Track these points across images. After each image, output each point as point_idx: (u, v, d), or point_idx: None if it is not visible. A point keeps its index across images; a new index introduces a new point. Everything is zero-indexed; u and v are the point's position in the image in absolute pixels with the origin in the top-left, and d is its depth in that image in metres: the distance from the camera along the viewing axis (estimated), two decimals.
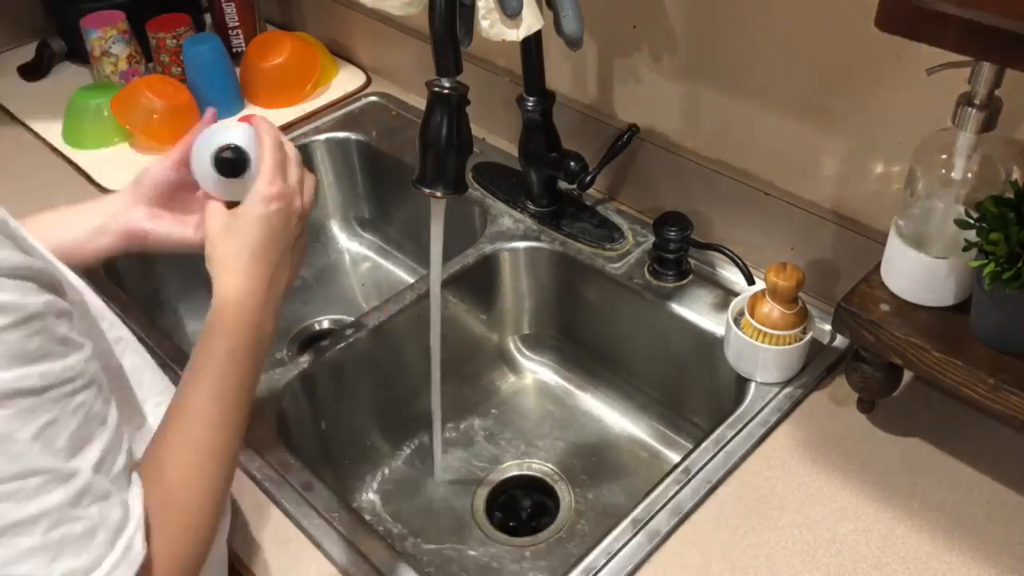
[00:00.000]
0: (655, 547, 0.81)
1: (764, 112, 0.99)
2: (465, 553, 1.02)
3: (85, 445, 0.54)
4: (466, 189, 0.89)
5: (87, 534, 0.52)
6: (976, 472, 0.86)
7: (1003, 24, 0.53)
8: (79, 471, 0.53)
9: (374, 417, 1.13)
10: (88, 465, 0.53)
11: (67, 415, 0.52)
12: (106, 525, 0.54)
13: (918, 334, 0.80)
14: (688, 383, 1.09)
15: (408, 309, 1.08)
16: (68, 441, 0.52)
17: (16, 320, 0.49)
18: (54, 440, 0.51)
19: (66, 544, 0.51)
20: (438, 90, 0.85)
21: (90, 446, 0.54)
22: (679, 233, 1.04)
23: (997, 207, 0.72)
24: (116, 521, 0.54)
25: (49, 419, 0.51)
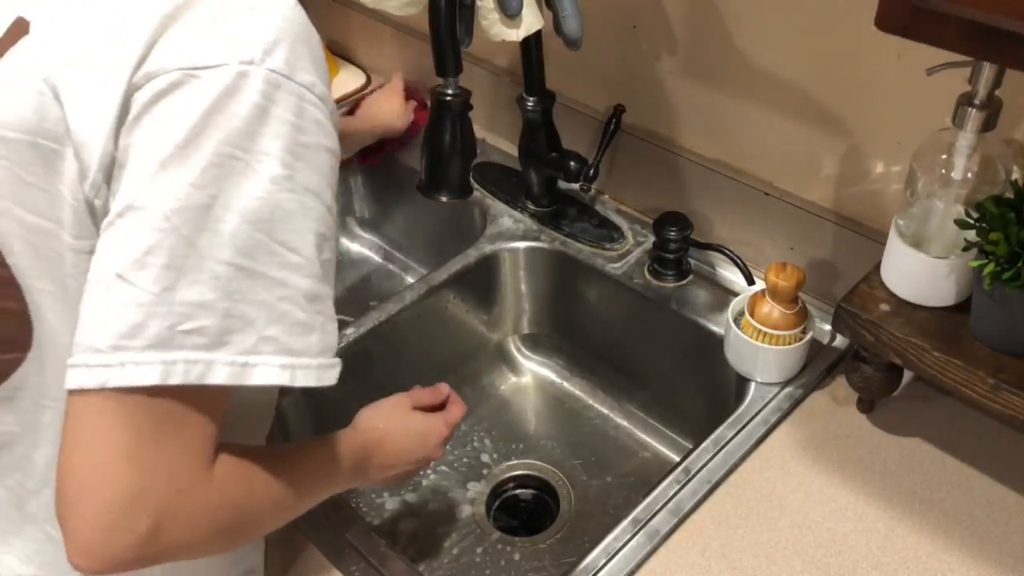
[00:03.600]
0: (655, 547, 0.81)
1: (764, 112, 0.99)
2: (465, 553, 1.02)
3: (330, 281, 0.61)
4: (470, 193, 0.90)
5: (304, 327, 0.58)
6: (976, 472, 0.86)
7: (1003, 24, 0.53)
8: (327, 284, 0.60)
9: None
10: (330, 292, 0.61)
11: (331, 245, 0.60)
12: (323, 335, 0.60)
13: (918, 334, 0.80)
14: (688, 383, 1.09)
15: (408, 309, 1.08)
16: (327, 265, 0.60)
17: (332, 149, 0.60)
18: (322, 251, 0.59)
19: (285, 319, 0.57)
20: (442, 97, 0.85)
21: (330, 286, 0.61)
22: (679, 233, 1.04)
23: (997, 207, 0.72)
24: (330, 342, 0.60)
25: (324, 234, 0.59)
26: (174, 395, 0.55)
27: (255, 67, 0.55)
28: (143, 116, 0.55)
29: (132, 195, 0.54)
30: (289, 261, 0.57)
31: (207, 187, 0.54)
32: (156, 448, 0.55)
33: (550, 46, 1.02)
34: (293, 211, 0.57)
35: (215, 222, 0.54)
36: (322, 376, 0.60)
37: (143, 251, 0.53)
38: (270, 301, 0.56)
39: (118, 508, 0.54)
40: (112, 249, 0.54)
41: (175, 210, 0.53)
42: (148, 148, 0.54)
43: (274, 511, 0.66)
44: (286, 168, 0.56)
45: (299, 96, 0.57)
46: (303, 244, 0.57)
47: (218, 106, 0.54)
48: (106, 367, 0.53)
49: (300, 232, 0.57)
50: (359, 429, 0.79)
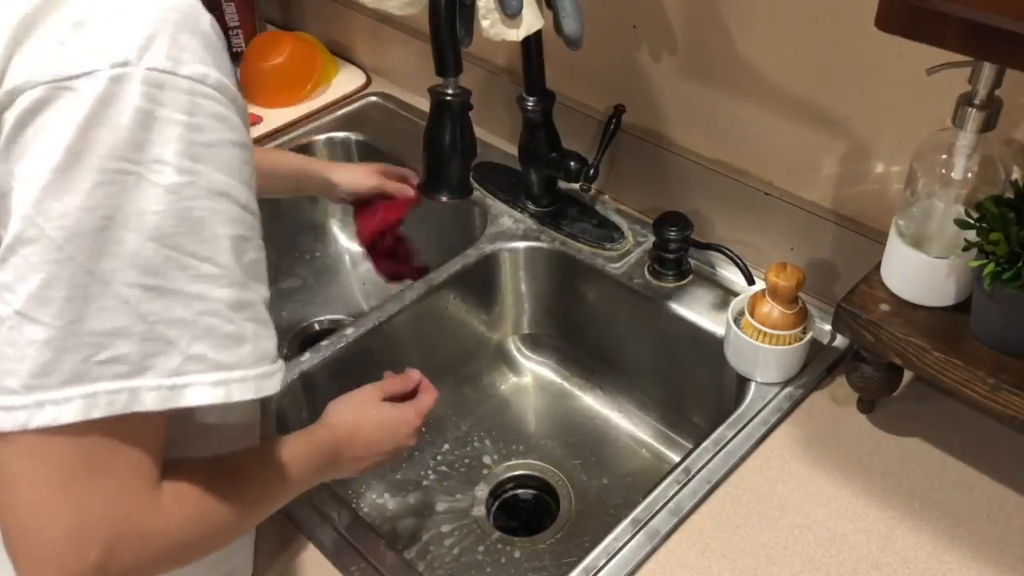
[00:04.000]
0: (655, 547, 0.81)
1: (764, 112, 0.99)
2: (465, 553, 1.02)
3: (260, 282, 0.58)
4: (471, 193, 0.90)
5: (234, 339, 0.55)
6: (976, 472, 0.86)
7: (1003, 24, 0.53)
8: (252, 289, 0.57)
9: None
10: (258, 295, 0.58)
11: (254, 244, 0.57)
12: (256, 343, 0.57)
13: (918, 334, 0.80)
14: (688, 383, 1.09)
15: (408, 309, 1.08)
16: (251, 265, 0.57)
17: (239, 142, 0.55)
18: (243, 254, 0.56)
19: (211, 335, 0.54)
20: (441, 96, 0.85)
21: (262, 286, 0.58)
22: (679, 233, 1.04)
23: (997, 207, 0.72)
24: (265, 349, 0.58)
25: (244, 235, 0.56)
26: (102, 426, 0.53)
27: (131, 68, 0.51)
28: (16, 139, 0.51)
29: (20, 226, 0.50)
30: (204, 273, 0.54)
31: (98, 208, 0.50)
32: (91, 482, 0.53)
33: (550, 46, 1.02)
34: (200, 219, 0.53)
35: (113, 244, 0.51)
36: (261, 387, 0.57)
37: (40, 285, 0.50)
38: (189, 318, 0.53)
39: (61, 545, 0.52)
40: (9, 285, 0.51)
41: (67, 238, 0.50)
42: (28, 174, 0.50)
43: (235, 520, 0.64)
44: (184, 174, 0.52)
45: (188, 92, 0.52)
46: (217, 252, 0.54)
47: (95, 119, 0.50)
48: (24, 408, 0.51)
49: (211, 240, 0.54)
50: (329, 424, 0.78)
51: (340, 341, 1.04)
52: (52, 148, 0.50)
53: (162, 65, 0.51)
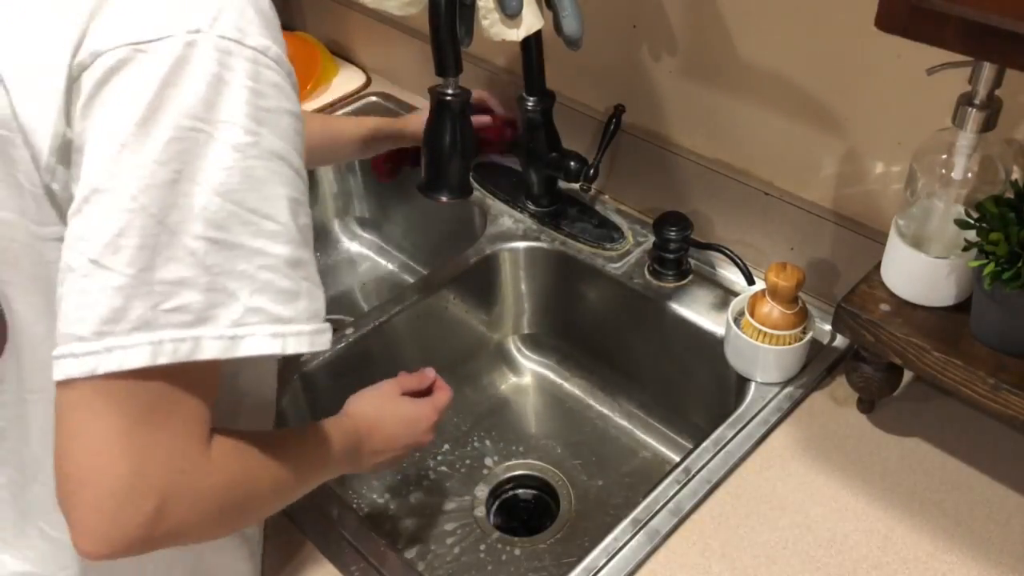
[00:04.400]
0: (655, 547, 0.81)
1: (764, 112, 0.99)
2: (465, 553, 1.02)
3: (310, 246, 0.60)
4: (470, 193, 0.90)
5: (291, 294, 0.58)
6: (976, 472, 0.86)
7: (1003, 24, 0.53)
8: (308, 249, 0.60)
9: None
10: (311, 257, 0.60)
11: (305, 209, 0.59)
12: (311, 300, 0.59)
13: (918, 334, 0.80)
14: (688, 383, 1.09)
15: (408, 309, 1.08)
16: (305, 229, 0.59)
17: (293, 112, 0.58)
18: (296, 215, 0.58)
19: (269, 289, 0.56)
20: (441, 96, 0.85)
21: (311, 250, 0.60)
22: (679, 233, 1.04)
23: (997, 207, 0.72)
24: (318, 308, 0.60)
25: (298, 198, 0.58)
26: (164, 376, 0.55)
27: (203, 35, 0.54)
28: (96, 96, 0.54)
29: (96, 179, 0.53)
30: (265, 229, 0.56)
31: (171, 162, 0.53)
32: (151, 431, 0.55)
33: (550, 46, 1.02)
34: (262, 178, 0.56)
35: (184, 197, 0.53)
36: (314, 341, 0.59)
37: (114, 234, 0.53)
38: (251, 271, 0.56)
39: (120, 493, 0.53)
40: (83, 235, 0.53)
41: (141, 189, 0.53)
42: (106, 129, 0.53)
43: (274, 491, 0.66)
44: (249, 135, 0.55)
45: (253, 60, 0.55)
46: (277, 210, 0.57)
47: (171, 79, 0.53)
48: (93, 354, 0.53)
49: (272, 199, 0.56)
50: (350, 415, 0.80)
51: (340, 341, 1.04)
52: (131, 104, 0.53)
53: (231, 34, 0.54)
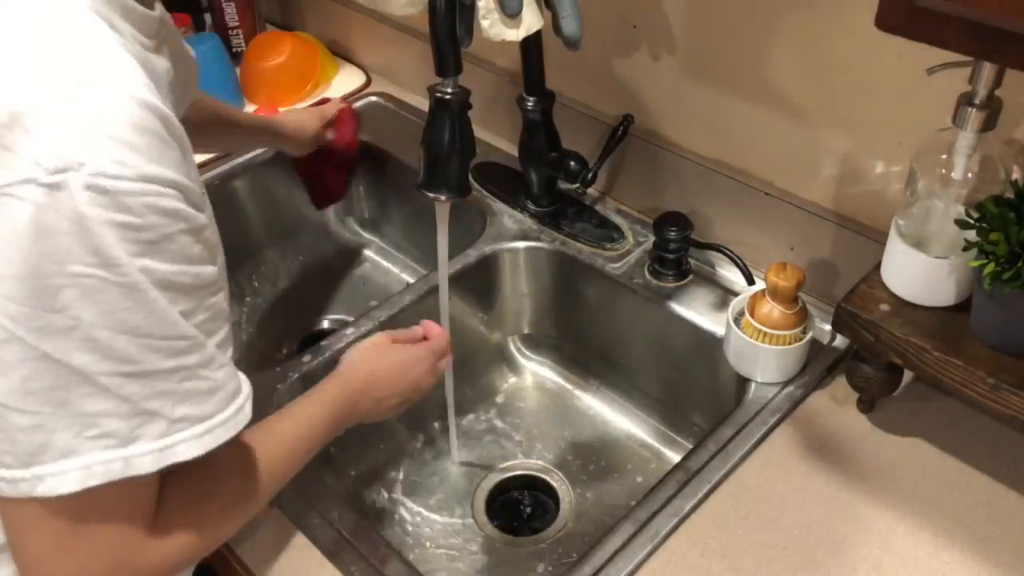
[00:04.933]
0: (655, 547, 0.81)
1: (764, 112, 0.99)
2: (465, 553, 1.02)
3: (213, 334, 0.61)
4: (470, 192, 0.90)
5: (209, 391, 0.60)
6: (976, 472, 0.86)
7: (1003, 24, 0.53)
8: (213, 340, 0.61)
9: None
10: (220, 336, 0.62)
11: (203, 308, 0.60)
12: (225, 389, 0.62)
13: (918, 334, 0.80)
14: (688, 383, 1.09)
15: (408, 309, 1.08)
16: (202, 325, 0.60)
17: (188, 228, 0.57)
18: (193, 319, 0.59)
19: (191, 395, 0.58)
20: (440, 95, 0.85)
21: (216, 335, 0.62)
22: (679, 233, 1.04)
23: (997, 207, 0.72)
24: (233, 389, 0.63)
25: (191, 308, 0.59)
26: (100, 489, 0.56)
27: (73, 175, 0.50)
28: None
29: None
30: (176, 348, 0.57)
31: (66, 310, 0.52)
32: (87, 535, 0.57)
33: (550, 46, 1.02)
34: (162, 307, 0.55)
35: (87, 341, 0.53)
36: (238, 422, 0.62)
37: (21, 380, 0.53)
38: (171, 388, 0.57)
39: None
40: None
41: (39, 340, 0.52)
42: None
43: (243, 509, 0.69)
44: (142, 273, 0.53)
45: (139, 193, 0.52)
46: (183, 329, 0.57)
47: (42, 230, 0.50)
48: (24, 481, 0.54)
49: (176, 322, 0.57)
50: (342, 376, 0.83)
51: (340, 341, 1.04)
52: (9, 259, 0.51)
53: (108, 169, 0.51)
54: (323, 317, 1.35)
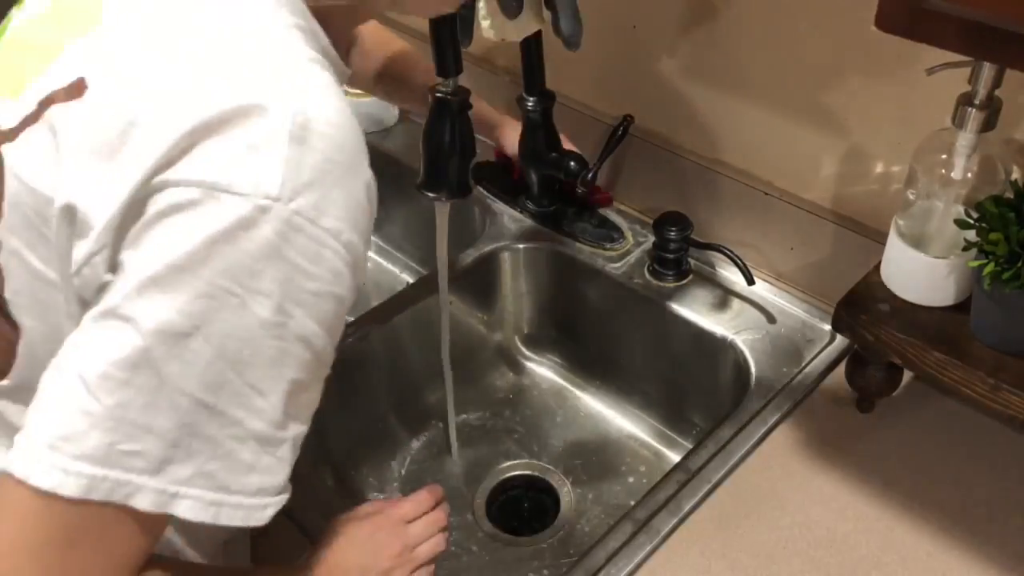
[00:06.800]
0: (655, 547, 0.81)
1: (764, 112, 0.99)
2: (465, 553, 1.02)
3: (302, 423, 0.60)
4: (470, 192, 0.90)
5: (247, 468, 0.57)
6: (976, 472, 0.86)
7: (1003, 24, 0.53)
8: (287, 429, 0.58)
9: (374, 417, 1.13)
10: (292, 434, 0.59)
11: (312, 389, 0.59)
12: (263, 476, 0.58)
13: (918, 334, 0.80)
14: (688, 383, 1.09)
15: (408, 309, 1.08)
16: (298, 408, 0.58)
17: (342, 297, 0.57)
18: (296, 395, 0.57)
19: (228, 457, 0.56)
20: (440, 95, 0.85)
21: (302, 426, 0.60)
22: (679, 233, 1.04)
23: (997, 207, 0.72)
24: (270, 484, 0.59)
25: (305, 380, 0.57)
26: (97, 507, 0.53)
27: (279, 204, 0.52)
28: (153, 225, 0.52)
29: (117, 301, 0.52)
30: (252, 404, 0.55)
31: (193, 316, 0.52)
32: (66, 553, 0.54)
33: (550, 46, 1.02)
34: (273, 358, 0.54)
35: (190, 352, 0.52)
36: (250, 516, 0.58)
37: (110, 362, 0.52)
38: (219, 437, 0.55)
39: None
40: (83, 346, 0.53)
41: (152, 331, 0.51)
42: (147, 259, 0.52)
43: None
44: (280, 314, 0.53)
45: (319, 242, 0.54)
46: (273, 390, 0.55)
47: (228, 236, 0.51)
48: (36, 462, 0.52)
49: (274, 379, 0.55)
50: None
51: (340, 341, 1.04)
52: (180, 245, 0.51)
53: (306, 212, 0.53)
54: None
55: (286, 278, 0.53)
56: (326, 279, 0.55)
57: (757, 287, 1.03)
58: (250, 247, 0.51)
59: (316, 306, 0.55)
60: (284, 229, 0.52)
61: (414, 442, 1.15)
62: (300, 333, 0.55)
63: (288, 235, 0.52)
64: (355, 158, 0.56)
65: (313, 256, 0.54)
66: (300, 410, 0.59)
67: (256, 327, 0.53)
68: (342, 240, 0.55)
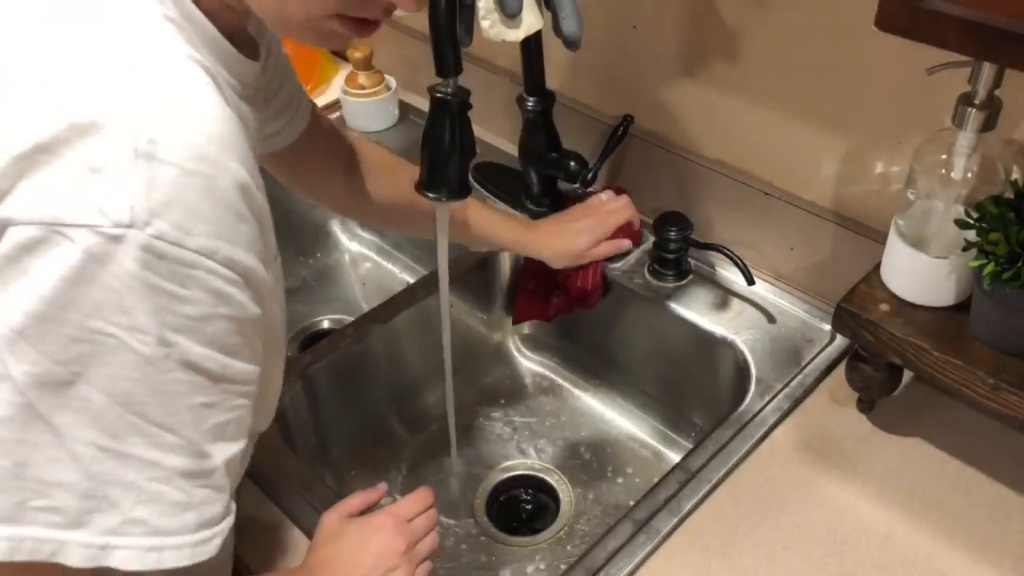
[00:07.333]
0: (655, 546, 0.81)
1: (764, 112, 0.99)
2: (465, 553, 1.02)
3: (227, 441, 0.57)
4: (469, 193, 0.90)
5: (179, 506, 0.54)
6: (976, 472, 0.86)
7: (1003, 24, 0.53)
8: (211, 456, 0.55)
9: (374, 417, 1.13)
10: (221, 458, 0.56)
11: (225, 408, 0.55)
12: (201, 512, 0.56)
13: (918, 334, 0.80)
14: (688, 383, 1.09)
15: (408, 309, 1.08)
16: (215, 429, 0.55)
17: (233, 316, 0.53)
18: (204, 420, 0.54)
19: (156, 501, 0.53)
20: (440, 95, 0.85)
21: (229, 445, 0.57)
22: (679, 233, 1.04)
23: (997, 207, 0.72)
24: (211, 515, 0.56)
25: (210, 402, 0.54)
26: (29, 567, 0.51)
27: (133, 231, 0.47)
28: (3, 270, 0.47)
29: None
30: (164, 441, 0.52)
31: (70, 364, 0.48)
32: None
33: (550, 46, 1.02)
34: (171, 391, 0.51)
35: (78, 401, 0.49)
36: (196, 553, 0.55)
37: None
38: (139, 482, 0.52)
39: None
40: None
41: (31, 385, 0.48)
42: (6, 311, 0.47)
43: None
44: (163, 346, 0.49)
45: (189, 265, 0.49)
46: (181, 423, 0.52)
47: (83, 275, 0.47)
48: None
49: (179, 411, 0.52)
50: None
51: (340, 341, 1.04)
52: (32, 292, 0.47)
53: (168, 235, 0.48)
54: (323, 317, 1.35)
55: (159, 308, 0.49)
56: (206, 302, 0.51)
57: (757, 287, 1.03)
58: (112, 282, 0.47)
59: (201, 331, 0.51)
60: (145, 257, 0.47)
61: (414, 442, 1.15)
62: (189, 360, 0.51)
63: (151, 263, 0.48)
64: (219, 163, 0.51)
65: (184, 281, 0.49)
66: (221, 431, 0.55)
67: (142, 364, 0.49)
68: (218, 259, 0.50)
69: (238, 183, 0.52)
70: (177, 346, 0.50)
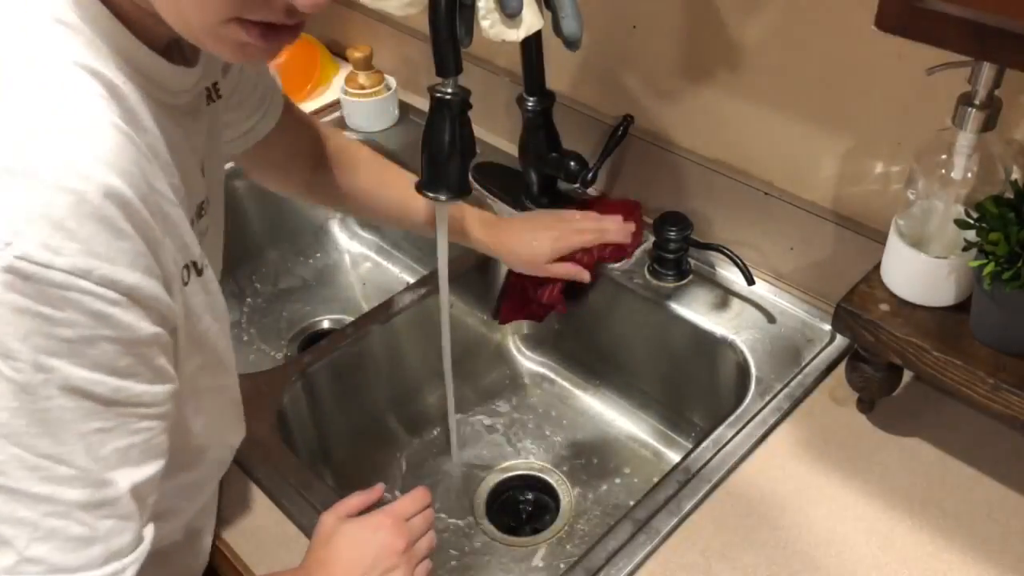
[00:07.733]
0: (655, 546, 0.81)
1: (764, 112, 0.99)
2: (465, 553, 1.02)
3: (133, 467, 0.54)
4: (469, 192, 0.90)
5: (82, 541, 0.51)
6: (976, 472, 0.86)
7: (1003, 24, 0.53)
8: (114, 484, 0.52)
9: (374, 417, 1.13)
10: (126, 484, 0.53)
11: (125, 432, 0.52)
12: (108, 544, 0.53)
13: (918, 334, 0.80)
14: (688, 383, 1.09)
15: (408, 309, 1.08)
16: (116, 454, 0.52)
17: (119, 338, 0.50)
18: (100, 447, 0.51)
19: (55, 537, 0.50)
20: (440, 95, 0.85)
21: (137, 469, 0.54)
22: (679, 233, 1.04)
23: (997, 207, 0.72)
24: (120, 546, 0.54)
25: (104, 427, 0.51)
26: None
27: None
28: None
29: None
30: (56, 474, 0.49)
31: None
32: None
33: (550, 46, 1.02)
34: (56, 419, 0.48)
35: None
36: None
37: None
38: (33, 518, 0.49)
39: None
40: None
41: None
42: None
43: None
44: (40, 371, 0.47)
45: (61, 286, 0.46)
46: (72, 453, 0.49)
47: None
48: None
49: (68, 441, 0.49)
50: None
51: (340, 341, 1.04)
52: None
53: (35, 256, 0.45)
54: (323, 317, 1.35)
55: (31, 332, 0.46)
56: (84, 324, 0.48)
57: (757, 287, 1.03)
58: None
59: (83, 354, 0.48)
60: (10, 280, 0.45)
61: (414, 442, 1.15)
62: (73, 385, 0.49)
63: (16, 285, 0.45)
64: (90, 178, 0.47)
65: (57, 303, 0.46)
66: (124, 457, 0.53)
67: (18, 392, 0.47)
68: (93, 279, 0.47)
69: (115, 198, 0.48)
70: (56, 371, 0.48)
